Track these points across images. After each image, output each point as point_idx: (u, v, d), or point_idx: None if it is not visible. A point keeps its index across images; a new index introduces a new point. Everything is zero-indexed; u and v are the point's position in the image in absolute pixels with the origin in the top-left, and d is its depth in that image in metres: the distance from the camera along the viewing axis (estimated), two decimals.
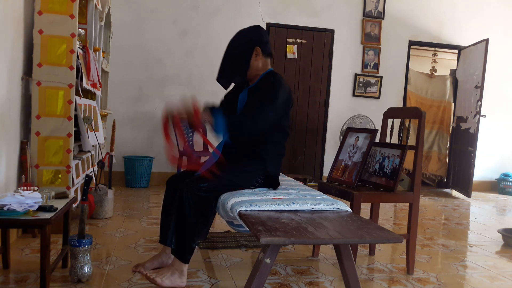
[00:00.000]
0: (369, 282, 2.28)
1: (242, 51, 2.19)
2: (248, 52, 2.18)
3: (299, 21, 5.46)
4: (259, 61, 2.20)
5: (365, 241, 1.53)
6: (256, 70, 2.22)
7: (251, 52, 2.18)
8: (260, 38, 2.21)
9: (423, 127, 2.42)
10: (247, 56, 2.18)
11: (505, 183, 5.95)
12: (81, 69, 2.89)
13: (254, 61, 2.19)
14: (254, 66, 2.20)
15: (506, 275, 2.51)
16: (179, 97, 5.07)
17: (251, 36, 2.21)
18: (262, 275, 1.50)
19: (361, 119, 5.34)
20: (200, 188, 1.96)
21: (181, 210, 1.95)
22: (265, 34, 2.26)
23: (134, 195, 4.38)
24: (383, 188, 2.41)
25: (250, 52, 2.18)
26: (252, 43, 2.19)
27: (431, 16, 5.85)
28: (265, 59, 2.23)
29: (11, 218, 1.79)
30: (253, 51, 2.18)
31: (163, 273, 1.97)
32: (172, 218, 2.14)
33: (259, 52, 2.19)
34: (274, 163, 2.18)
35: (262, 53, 2.20)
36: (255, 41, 2.19)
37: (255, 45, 2.19)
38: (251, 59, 2.18)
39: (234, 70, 2.21)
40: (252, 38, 2.20)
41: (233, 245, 2.75)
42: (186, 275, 2.01)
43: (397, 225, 3.70)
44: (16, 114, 2.58)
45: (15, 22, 2.52)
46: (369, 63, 5.69)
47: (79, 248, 1.98)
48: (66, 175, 2.70)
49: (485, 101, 5.43)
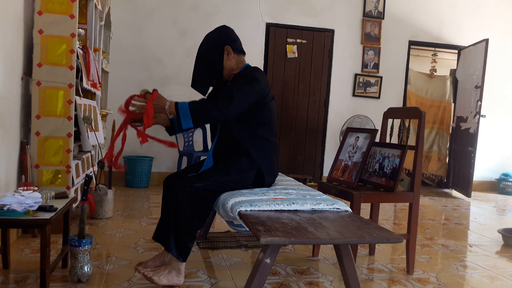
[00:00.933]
0: (369, 282, 2.28)
1: (213, 53, 2.18)
2: (218, 53, 2.18)
3: (299, 21, 5.46)
4: (231, 59, 2.20)
5: (365, 241, 1.53)
6: (231, 69, 2.21)
7: (222, 52, 2.18)
8: (228, 37, 2.21)
9: (423, 127, 2.42)
10: (218, 57, 2.18)
11: (505, 183, 5.95)
12: (81, 69, 2.89)
13: (227, 61, 2.19)
14: (228, 65, 2.20)
15: (506, 275, 2.51)
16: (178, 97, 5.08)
17: (218, 37, 2.21)
18: (262, 275, 1.50)
19: (361, 119, 5.34)
20: (194, 187, 1.98)
21: (176, 209, 1.97)
22: (232, 32, 2.25)
23: (134, 195, 4.38)
24: (383, 188, 2.41)
25: (221, 53, 2.18)
26: (220, 43, 2.19)
27: (431, 16, 5.85)
28: (237, 56, 2.23)
29: (11, 218, 1.79)
30: (223, 51, 2.18)
31: (161, 271, 1.98)
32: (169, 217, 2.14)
33: (230, 50, 2.19)
34: (262, 158, 2.16)
35: (233, 51, 2.20)
36: (223, 41, 2.19)
37: (224, 44, 2.18)
38: (223, 59, 2.18)
39: (209, 74, 2.20)
40: (220, 38, 2.20)
41: (233, 245, 2.75)
42: (183, 274, 2.02)
43: (397, 225, 3.70)
44: (16, 114, 2.58)
45: (15, 22, 2.53)
46: (369, 63, 5.69)
47: (79, 248, 1.98)
48: (66, 175, 2.70)
49: (485, 101, 5.43)
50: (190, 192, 1.97)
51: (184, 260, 2.00)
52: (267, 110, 2.19)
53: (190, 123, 1.98)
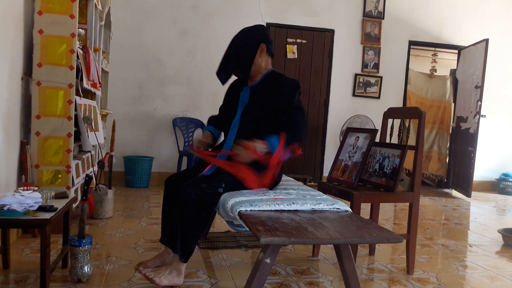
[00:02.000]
0: (369, 282, 2.28)
1: (248, 47, 2.20)
2: (253, 48, 2.20)
3: (299, 21, 5.46)
4: (263, 58, 2.22)
5: (365, 241, 1.53)
6: (259, 68, 2.23)
7: (257, 48, 2.20)
8: (266, 36, 2.24)
9: (423, 127, 2.42)
10: (252, 52, 2.19)
11: (505, 183, 5.95)
12: (81, 69, 2.89)
13: (258, 58, 2.21)
14: (258, 63, 2.22)
15: (506, 275, 2.51)
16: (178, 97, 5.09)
17: (257, 33, 2.24)
18: (262, 275, 1.50)
19: (361, 119, 5.34)
20: (202, 189, 1.96)
21: (182, 210, 1.95)
22: (270, 33, 2.29)
23: (134, 195, 4.38)
24: (383, 188, 2.41)
25: (256, 48, 2.20)
26: (258, 39, 2.21)
27: (431, 16, 5.85)
28: (267, 58, 2.25)
29: (11, 218, 1.79)
30: (258, 47, 2.20)
31: (161, 272, 1.98)
32: (171, 217, 2.14)
33: (264, 49, 2.21)
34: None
35: (267, 51, 2.22)
36: (261, 38, 2.21)
37: (261, 42, 2.20)
38: (256, 55, 2.20)
39: (238, 64, 2.22)
40: (258, 35, 2.23)
41: (233, 245, 2.75)
42: (183, 274, 2.02)
43: (397, 225, 3.70)
44: (16, 114, 2.58)
45: (15, 22, 2.52)
46: (369, 63, 5.69)
47: (79, 248, 1.98)
48: (66, 175, 2.70)
49: (485, 101, 5.43)
50: (199, 193, 1.94)
51: (185, 261, 2.00)
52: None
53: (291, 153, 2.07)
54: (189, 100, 5.22)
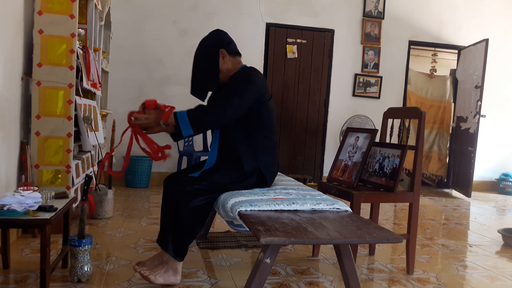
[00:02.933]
0: (369, 282, 2.28)
1: (208, 58, 2.18)
2: (214, 57, 2.18)
3: (299, 21, 5.46)
4: (227, 62, 2.20)
5: (365, 241, 1.53)
6: (228, 72, 2.21)
7: (217, 56, 2.18)
8: (221, 40, 2.21)
9: (423, 127, 2.42)
10: (214, 61, 2.18)
11: (505, 183, 5.95)
12: (81, 69, 2.89)
13: (223, 64, 2.19)
14: (224, 68, 2.20)
15: (506, 275, 2.51)
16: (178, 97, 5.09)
17: (212, 41, 2.21)
18: (262, 275, 1.50)
19: (361, 119, 5.34)
20: (193, 187, 1.98)
21: (176, 209, 1.97)
22: (226, 35, 2.25)
23: (134, 195, 4.38)
24: (383, 188, 2.41)
25: (216, 57, 2.18)
26: (215, 47, 2.19)
27: (431, 16, 5.85)
28: (233, 58, 2.22)
29: (11, 218, 1.79)
30: (218, 54, 2.18)
31: (157, 270, 1.98)
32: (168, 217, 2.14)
33: (225, 53, 2.19)
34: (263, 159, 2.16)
35: (228, 53, 2.20)
36: (217, 44, 2.19)
37: (219, 48, 2.18)
38: (218, 62, 2.18)
39: (207, 78, 2.20)
40: (214, 42, 2.20)
41: (233, 245, 2.75)
42: (180, 273, 2.02)
43: (397, 225, 3.70)
44: (16, 114, 2.58)
45: (15, 22, 2.52)
46: (369, 63, 5.69)
47: (79, 248, 1.98)
48: (66, 175, 2.70)
49: (485, 101, 5.43)
50: (189, 192, 1.97)
51: (181, 260, 2.01)
52: (265, 110, 2.18)
53: (190, 130, 2.00)
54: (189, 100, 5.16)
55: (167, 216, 2.07)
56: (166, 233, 2.03)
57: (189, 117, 1.98)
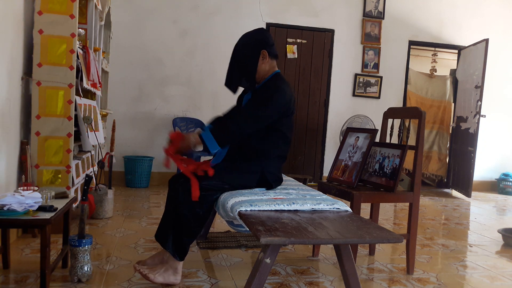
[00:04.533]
0: (369, 282, 2.28)
1: (249, 55, 2.17)
2: (255, 56, 2.16)
3: (299, 21, 5.46)
4: (266, 64, 2.19)
5: (365, 241, 1.53)
6: (264, 73, 2.20)
7: (258, 55, 2.17)
8: (266, 41, 2.19)
9: (423, 127, 2.42)
10: (254, 60, 2.16)
11: (505, 183, 5.95)
12: (81, 69, 2.89)
13: (261, 64, 2.18)
14: (262, 69, 2.19)
15: (506, 275, 2.51)
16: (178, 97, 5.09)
17: (256, 39, 2.19)
18: (262, 275, 1.50)
19: (361, 119, 5.34)
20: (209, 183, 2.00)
21: (177, 209, 1.97)
22: (270, 36, 2.25)
23: (134, 195, 4.38)
24: (383, 188, 2.41)
25: (257, 56, 2.17)
26: (258, 46, 2.17)
27: (431, 16, 5.85)
28: (271, 61, 2.22)
29: (11, 218, 1.79)
30: (259, 54, 2.17)
31: (157, 269, 1.98)
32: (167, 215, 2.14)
33: (266, 55, 2.17)
34: (271, 164, 2.17)
35: (269, 55, 2.19)
36: (261, 44, 2.17)
37: (262, 48, 2.17)
38: (258, 62, 2.17)
39: (241, 74, 2.20)
40: (258, 41, 2.18)
41: (233, 245, 2.75)
42: (180, 273, 2.02)
43: (397, 225, 3.70)
44: (16, 114, 2.58)
45: (15, 22, 2.52)
46: (369, 63, 5.69)
47: (79, 248, 1.98)
48: (66, 175, 2.70)
49: (485, 101, 5.43)
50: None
51: (181, 259, 2.00)
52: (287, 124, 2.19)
53: (216, 146, 2.03)
54: (189, 100, 5.22)
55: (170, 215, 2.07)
56: (167, 230, 2.03)
57: (212, 132, 2.03)
